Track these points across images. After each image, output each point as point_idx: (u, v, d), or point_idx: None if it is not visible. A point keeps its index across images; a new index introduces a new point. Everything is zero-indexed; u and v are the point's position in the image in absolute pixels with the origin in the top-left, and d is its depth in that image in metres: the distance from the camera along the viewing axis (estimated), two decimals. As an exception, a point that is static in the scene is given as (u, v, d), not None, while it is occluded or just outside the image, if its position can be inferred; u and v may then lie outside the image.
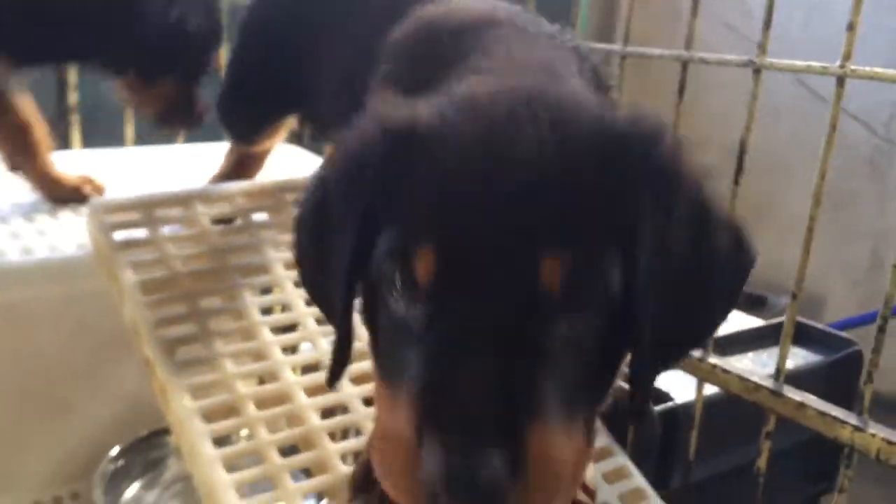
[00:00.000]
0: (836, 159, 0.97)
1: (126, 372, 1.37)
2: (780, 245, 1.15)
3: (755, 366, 1.34)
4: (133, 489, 1.40)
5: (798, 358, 1.36)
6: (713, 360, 1.06)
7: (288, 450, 0.92)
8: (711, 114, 2.70)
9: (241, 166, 1.36)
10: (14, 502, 1.41)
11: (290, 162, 1.59)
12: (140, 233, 1.07)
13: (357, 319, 0.68)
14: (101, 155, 1.57)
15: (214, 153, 1.44)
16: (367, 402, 0.97)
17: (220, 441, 0.90)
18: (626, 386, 0.63)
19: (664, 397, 1.18)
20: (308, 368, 1.02)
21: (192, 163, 1.56)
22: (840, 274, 3.14)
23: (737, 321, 1.54)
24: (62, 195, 1.34)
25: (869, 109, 3.07)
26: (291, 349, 1.04)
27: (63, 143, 1.64)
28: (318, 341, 1.03)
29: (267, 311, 1.06)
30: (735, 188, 1.04)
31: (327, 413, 0.97)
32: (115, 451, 1.39)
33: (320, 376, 1.00)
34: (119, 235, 1.05)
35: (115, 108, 1.63)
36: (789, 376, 1.04)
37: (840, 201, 2.79)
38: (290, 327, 1.06)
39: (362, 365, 0.98)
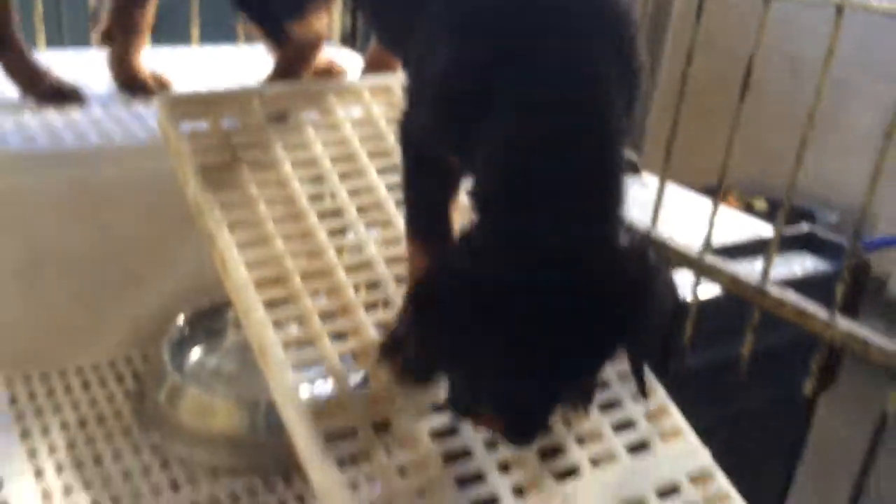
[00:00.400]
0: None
1: (190, 249, 1.52)
2: (834, 161, 1.18)
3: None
4: (196, 353, 1.59)
5: (808, 265, 1.44)
6: (709, 259, 1.17)
7: (327, 317, 1.06)
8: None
9: (291, 63, 1.44)
10: (93, 360, 1.60)
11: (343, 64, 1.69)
12: (203, 124, 1.20)
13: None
14: (169, 53, 1.70)
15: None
16: (398, 281, 1.10)
17: (270, 306, 1.05)
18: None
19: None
20: (349, 250, 1.16)
21: (252, 62, 1.68)
22: (890, 194, 3.16)
23: (764, 229, 1.63)
24: (134, 85, 1.47)
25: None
26: (334, 233, 1.17)
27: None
28: (359, 227, 1.17)
29: (314, 198, 1.19)
30: (741, 105, 1.12)
31: (365, 287, 1.12)
32: (180, 319, 1.57)
33: (359, 257, 1.14)
34: (185, 126, 1.18)
35: (185, 11, 1.76)
36: (798, 281, 1.15)
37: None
38: (334, 213, 1.19)
39: (397, 250, 1.12)
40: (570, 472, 0.98)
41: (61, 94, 1.38)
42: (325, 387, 1.01)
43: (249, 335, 1.04)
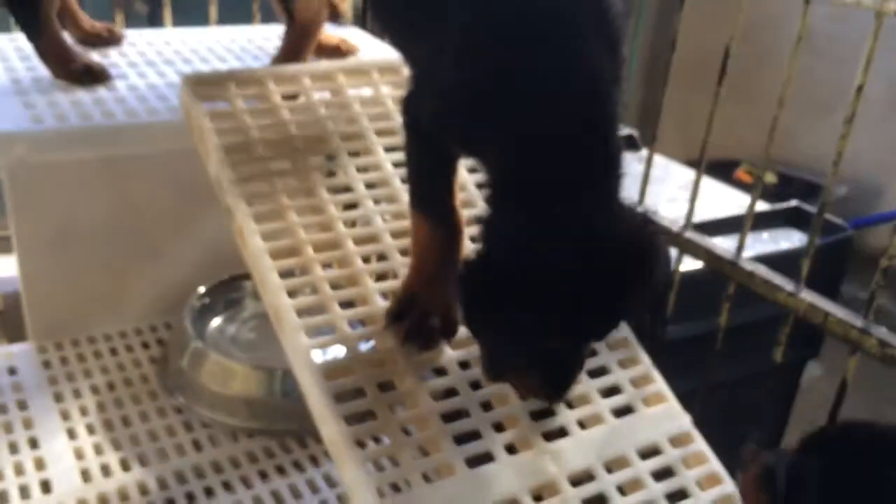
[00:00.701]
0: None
1: (211, 223, 1.61)
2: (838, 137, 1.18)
3: (755, 242, 1.50)
4: (216, 322, 1.67)
5: (794, 240, 1.50)
6: (689, 234, 1.23)
7: (337, 285, 1.14)
8: None
9: (296, 44, 1.50)
10: (119, 327, 1.69)
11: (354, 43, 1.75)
12: (223, 104, 1.27)
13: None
14: (189, 33, 1.77)
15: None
16: (403, 252, 1.18)
17: (285, 275, 1.12)
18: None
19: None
20: (357, 223, 1.23)
21: (267, 41, 1.75)
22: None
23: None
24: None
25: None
26: (344, 207, 1.24)
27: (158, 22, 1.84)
28: (367, 203, 1.24)
29: (326, 174, 1.26)
30: (718, 89, 1.17)
31: (374, 258, 1.19)
32: (201, 289, 1.65)
33: (366, 230, 1.21)
34: (206, 106, 1.26)
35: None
36: (784, 256, 1.20)
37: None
38: (344, 189, 1.26)
39: (402, 224, 1.19)
40: (559, 433, 1.06)
41: (91, 74, 1.45)
42: (335, 350, 1.08)
43: (266, 301, 1.12)
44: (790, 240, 1.49)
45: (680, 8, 1.28)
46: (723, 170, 2.88)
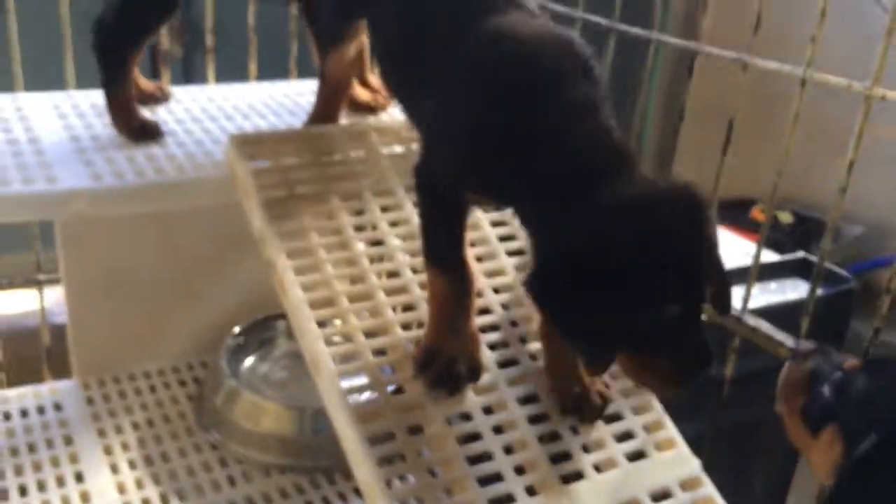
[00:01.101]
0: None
1: (246, 269, 1.70)
2: (857, 174, 1.22)
3: (762, 293, 1.58)
4: (250, 361, 1.76)
5: (801, 290, 1.57)
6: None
7: (370, 334, 1.23)
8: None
9: (328, 104, 1.61)
10: (157, 366, 1.78)
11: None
12: (265, 162, 1.37)
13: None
14: (230, 90, 1.88)
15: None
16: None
17: (322, 324, 1.21)
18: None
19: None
20: (389, 275, 1.32)
21: (301, 96, 1.86)
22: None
23: (765, 255, 1.76)
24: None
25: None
26: (375, 259, 1.33)
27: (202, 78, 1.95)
28: (397, 256, 1.33)
29: (358, 228, 1.35)
30: (723, 157, 1.26)
31: (401, 308, 1.28)
32: (236, 329, 1.75)
33: (396, 281, 1.30)
34: (251, 164, 1.36)
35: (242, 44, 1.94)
36: (790, 307, 1.28)
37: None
38: (375, 242, 1.35)
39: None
40: (576, 476, 1.13)
41: (146, 131, 1.56)
42: (368, 395, 1.17)
43: (304, 348, 1.21)
44: (797, 290, 1.56)
45: (689, 77, 1.37)
46: (740, 208, 2.93)
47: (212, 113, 1.71)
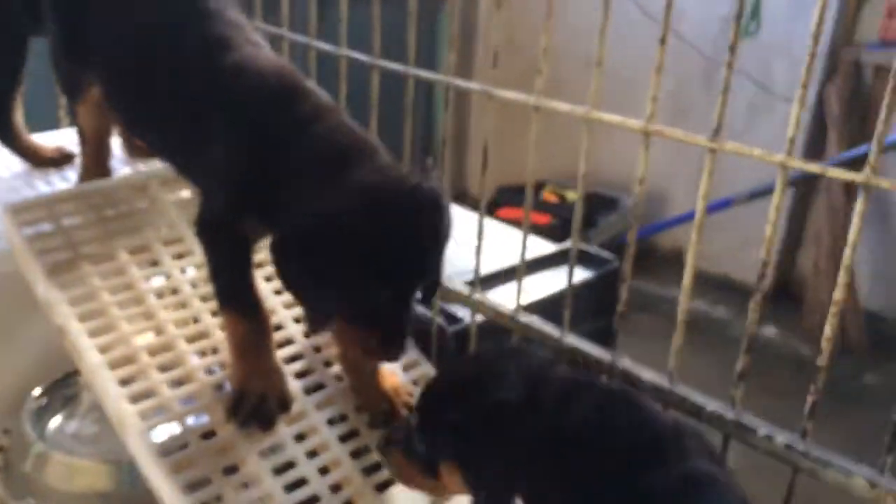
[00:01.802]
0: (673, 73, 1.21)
1: (37, 330, 1.66)
2: (632, 151, 1.34)
3: (544, 283, 1.76)
4: (57, 420, 1.71)
5: (576, 276, 1.75)
6: (477, 296, 1.46)
7: (176, 384, 1.26)
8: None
9: (95, 152, 1.61)
10: (-47, 441, 1.70)
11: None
12: (47, 225, 1.36)
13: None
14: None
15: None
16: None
17: (124, 383, 1.23)
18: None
19: (458, 321, 1.59)
20: (187, 322, 1.35)
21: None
22: (682, 174, 3.63)
23: (540, 247, 1.94)
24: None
25: (699, 28, 3.52)
26: (173, 307, 1.36)
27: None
28: (193, 302, 1.36)
29: (151, 279, 1.37)
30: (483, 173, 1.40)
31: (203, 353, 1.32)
32: (36, 391, 1.69)
33: (196, 327, 1.34)
34: (27, 230, 1.34)
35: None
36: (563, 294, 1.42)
37: (679, 110, 3.22)
38: (172, 292, 1.38)
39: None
40: (388, 484, 1.23)
41: None
42: (179, 445, 1.20)
43: (108, 411, 1.22)
44: (574, 277, 1.73)
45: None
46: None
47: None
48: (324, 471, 1.24)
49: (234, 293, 1.24)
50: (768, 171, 1.15)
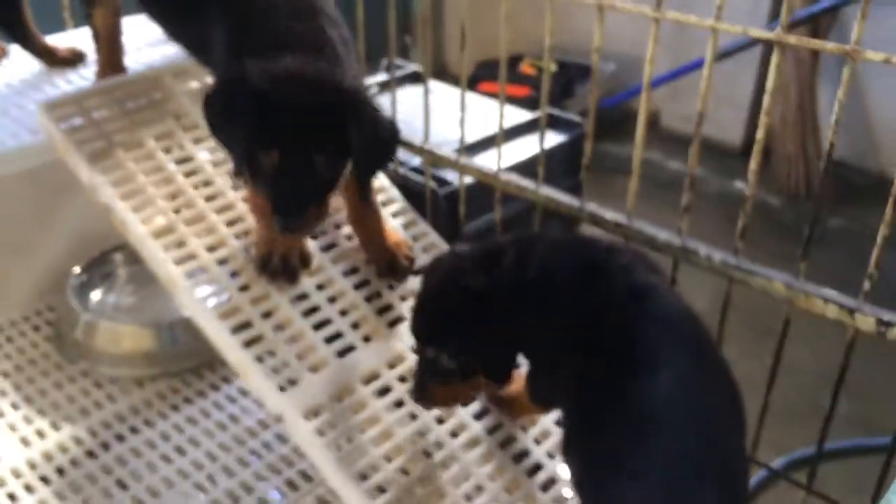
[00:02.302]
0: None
1: (73, 214, 1.86)
2: (609, 22, 1.41)
3: (522, 147, 1.96)
4: (97, 294, 1.94)
5: (550, 140, 1.95)
6: (464, 160, 1.66)
7: (210, 249, 1.47)
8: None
9: (110, 51, 1.75)
10: (7, 316, 1.92)
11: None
12: (79, 120, 1.53)
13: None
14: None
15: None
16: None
17: (167, 249, 1.44)
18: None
19: (447, 184, 1.80)
20: (213, 198, 1.54)
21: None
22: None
23: (517, 116, 2.13)
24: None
25: None
26: (202, 185, 1.55)
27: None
28: (216, 180, 1.55)
29: (179, 161, 1.56)
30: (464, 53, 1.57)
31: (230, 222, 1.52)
32: (76, 269, 1.91)
33: (221, 201, 1.53)
34: (63, 125, 1.51)
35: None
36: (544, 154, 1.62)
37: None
38: (196, 172, 1.57)
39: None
40: (398, 320, 1.47)
41: None
42: (221, 298, 1.43)
43: (157, 273, 1.43)
44: (548, 141, 1.92)
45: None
46: (508, 64, 3.28)
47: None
48: (343, 312, 1.47)
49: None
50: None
